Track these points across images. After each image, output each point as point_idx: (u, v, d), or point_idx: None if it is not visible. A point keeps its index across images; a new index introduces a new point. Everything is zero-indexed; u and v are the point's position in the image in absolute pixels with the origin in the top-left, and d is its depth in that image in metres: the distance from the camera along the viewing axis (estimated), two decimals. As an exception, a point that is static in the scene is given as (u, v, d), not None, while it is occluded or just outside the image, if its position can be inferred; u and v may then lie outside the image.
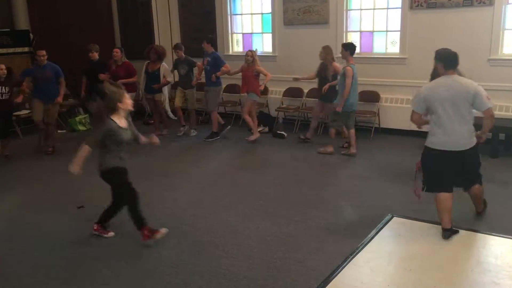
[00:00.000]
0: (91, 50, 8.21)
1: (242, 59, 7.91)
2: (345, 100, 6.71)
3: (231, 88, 9.35)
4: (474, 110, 4.17)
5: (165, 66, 8.29)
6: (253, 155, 7.35)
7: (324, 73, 7.33)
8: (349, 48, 6.86)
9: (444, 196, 4.19)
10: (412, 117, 4.33)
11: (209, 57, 7.92)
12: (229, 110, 9.50)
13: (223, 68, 7.85)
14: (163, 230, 4.46)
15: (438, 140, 4.15)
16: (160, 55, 8.19)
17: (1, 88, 7.04)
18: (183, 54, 8.18)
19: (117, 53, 8.27)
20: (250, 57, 7.61)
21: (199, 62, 8.18)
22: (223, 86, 8.55)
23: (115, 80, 7.00)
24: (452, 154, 4.12)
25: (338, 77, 7.00)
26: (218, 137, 8.07)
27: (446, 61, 4.20)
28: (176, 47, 8.27)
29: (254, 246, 4.36)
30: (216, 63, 7.87)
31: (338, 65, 7.26)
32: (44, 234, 4.78)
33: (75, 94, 9.23)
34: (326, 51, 7.31)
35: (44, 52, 7.45)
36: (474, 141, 4.20)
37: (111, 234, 4.62)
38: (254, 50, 8.00)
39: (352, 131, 6.99)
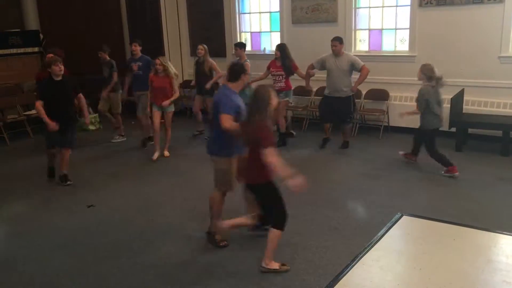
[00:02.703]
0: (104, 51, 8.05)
1: (250, 59, 7.88)
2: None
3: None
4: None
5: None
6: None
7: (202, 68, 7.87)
8: (243, 46, 7.71)
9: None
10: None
11: (140, 62, 7.62)
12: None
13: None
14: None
15: None
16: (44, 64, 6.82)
17: None
18: (107, 57, 7.99)
19: (201, 50, 7.93)
20: (159, 65, 6.79)
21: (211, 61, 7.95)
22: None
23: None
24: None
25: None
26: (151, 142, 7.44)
27: None
28: (102, 50, 8.04)
29: (263, 245, 4.34)
30: (149, 67, 7.43)
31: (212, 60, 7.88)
32: (54, 233, 4.82)
33: (84, 93, 9.27)
34: (206, 49, 7.86)
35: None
36: None
37: None
38: (263, 49, 7.88)
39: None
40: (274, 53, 7.69)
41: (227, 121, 3.98)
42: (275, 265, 3.88)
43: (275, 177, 3.74)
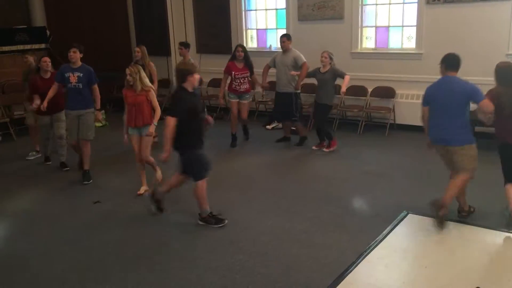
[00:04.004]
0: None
1: (256, 56, 7.89)
2: None
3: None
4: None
5: None
6: (265, 152, 7.33)
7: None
8: (187, 46, 7.66)
9: None
10: None
11: (80, 72, 5.98)
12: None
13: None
14: None
15: None
16: None
17: None
18: (34, 63, 7.00)
19: (138, 52, 7.31)
20: (129, 76, 5.33)
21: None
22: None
23: None
24: None
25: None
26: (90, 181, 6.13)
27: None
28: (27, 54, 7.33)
29: (268, 242, 4.37)
30: (92, 80, 6.04)
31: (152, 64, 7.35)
32: (61, 228, 4.85)
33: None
34: (144, 52, 7.28)
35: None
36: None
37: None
38: (269, 46, 7.82)
39: None
40: (270, 49, 7.59)
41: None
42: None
43: None
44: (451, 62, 4.43)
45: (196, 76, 4.56)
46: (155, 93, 5.59)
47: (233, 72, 7.22)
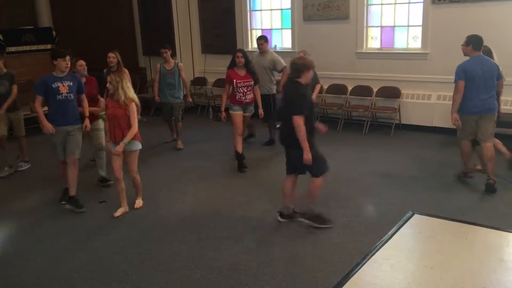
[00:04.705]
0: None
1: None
2: None
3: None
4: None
5: None
6: (270, 151, 7.32)
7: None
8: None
9: None
10: None
11: (69, 81, 5.22)
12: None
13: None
14: None
15: None
16: None
17: None
18: (4, 67, 6.45)
19: (114, 58, 6.60)
20: (109, 84, 4.92)
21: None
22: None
23: None
24: None
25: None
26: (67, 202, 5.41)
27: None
28: None
29: (274, 242, 4.37)
30: (80, 90, 5.37)
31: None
32: (66, 228, 4.87)
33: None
34: (119, 58, 6.62)
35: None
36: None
37: None
38: (274, 46, 7.74)
39: None
40: (275, 49, 7.47)
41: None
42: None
43: None
44: (478, 44, 5.18)
45: (311, 73, 4.47)
46: (137, 108, 4.95)
47: (234, 81, 6.29)
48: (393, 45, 8.25)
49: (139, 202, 5.27)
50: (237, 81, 6.30)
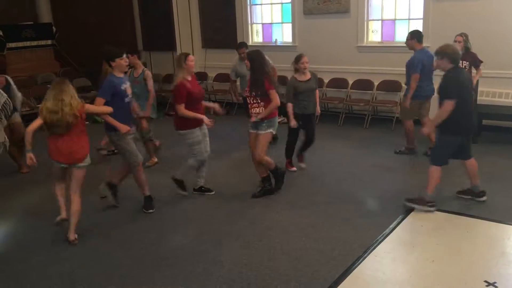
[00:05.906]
0: None
1: (262, 50, 7.80)
2: None
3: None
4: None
5: None
6: (272, 147, 7.32)
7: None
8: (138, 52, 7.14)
9: None
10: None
11: (127, 81, 4.92)
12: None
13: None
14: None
15: None
16: None
17: None
18: None
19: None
20: (59, 105, 4.21)
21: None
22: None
23: None
24: None
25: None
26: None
27: None
28: None
29: (275, 236, 4.38)
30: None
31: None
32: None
33: (96, 86, 9.36)
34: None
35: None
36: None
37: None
38: (274, 40, 7.68)
39: None
40: (275, 43, 7.28)
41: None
42: None
43: None
44: (421, 37, 6.31)
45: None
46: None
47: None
48: (394, 38, 8.22)
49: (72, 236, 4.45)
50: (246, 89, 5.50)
